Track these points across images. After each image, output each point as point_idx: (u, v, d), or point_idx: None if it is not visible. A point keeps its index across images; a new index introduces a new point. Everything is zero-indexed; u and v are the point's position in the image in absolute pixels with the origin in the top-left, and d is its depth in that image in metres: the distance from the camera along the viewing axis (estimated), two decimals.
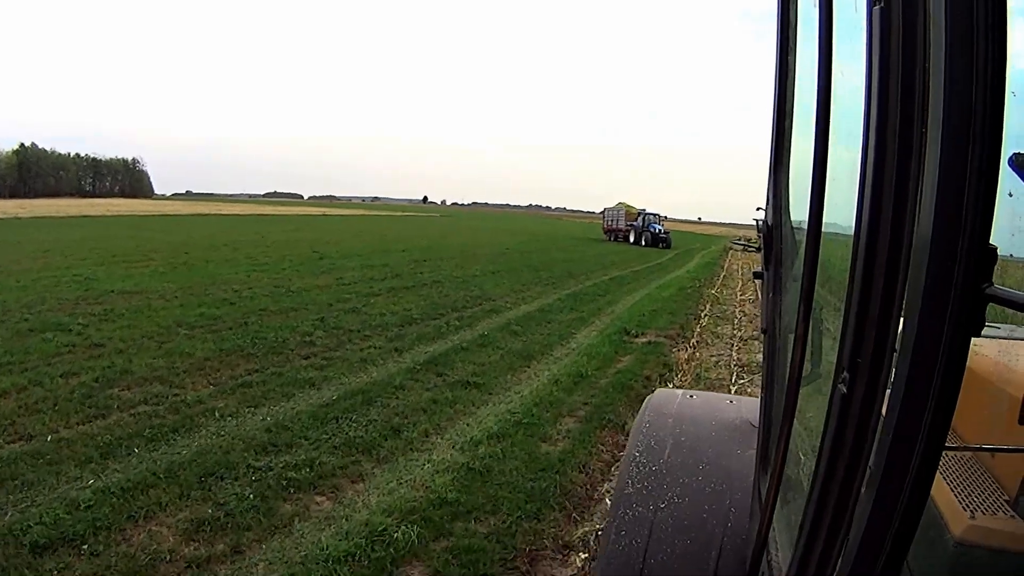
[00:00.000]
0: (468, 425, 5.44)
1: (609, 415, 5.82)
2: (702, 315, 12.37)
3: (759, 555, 1.10)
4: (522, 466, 4.57)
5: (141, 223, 35.30)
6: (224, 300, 10.30)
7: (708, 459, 1.80)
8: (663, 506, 1.68)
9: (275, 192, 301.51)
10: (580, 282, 16.63)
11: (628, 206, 45.54)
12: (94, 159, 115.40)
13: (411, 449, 4.84)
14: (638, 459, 1.82)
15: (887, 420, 0.69)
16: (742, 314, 12.86)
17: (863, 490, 0.75)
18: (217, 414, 5.22)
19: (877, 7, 0.71)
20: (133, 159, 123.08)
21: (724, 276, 22.93)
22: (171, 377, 6.08)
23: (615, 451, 5.04)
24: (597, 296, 14.06)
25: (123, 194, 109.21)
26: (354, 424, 5.20)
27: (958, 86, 0.61)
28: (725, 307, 14.08)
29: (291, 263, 16.48)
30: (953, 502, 1.08)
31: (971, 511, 1.06)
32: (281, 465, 4.33)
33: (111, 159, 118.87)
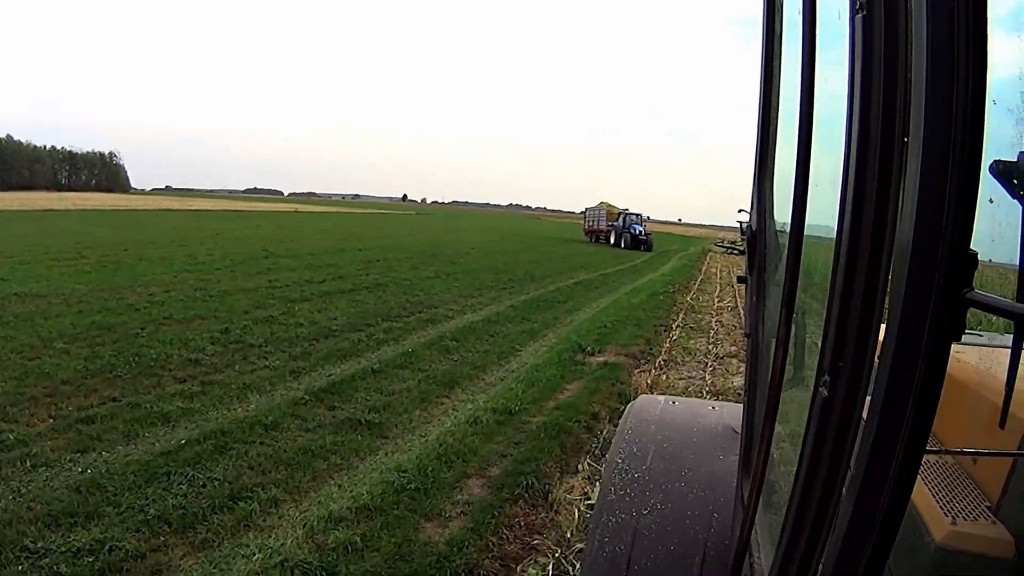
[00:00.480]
0: (337, 489, 4.26)
1: (531, 477, 4.48)
2: (673, 326, 11.59)
3: (741, 557, 1.12)
4: (384, 567, 3.37)
5: (100, 218, 33.84)
6: (131, 306, 9.50)
7: (691, 465, 1.83)
8: (646, 512, 1.71)
9: (255, 188, 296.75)
10: (542, 286, 15.95)
11: (610, 206, 44.30)
12: (70, 152, 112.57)
13: (243, 529, 3.67)
14: (620, 466, 1.85)
15: (868, 424, 0.71)
16: (719, 324, 12.17)
17: (844, 493, 0.77)
18: (30, 463, 4.21)
19: (859, 15, 0.73)
20: (110, 153, 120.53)
21: (701, 280, 22.34)
22: (9, 406, 5.15)
23: (527, 538, 3.79)
24: (556, 303, 13.30)
25: (99, 188, 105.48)
26: (187, 484, 4.09)
27: (939, 93, 0.63)
28: (700, 316, 13.40)
29: (231, 262, 15.65)
30: (935, 507, 1.13)
31: (952, 516, 1.10)
32: (63, 549, 3.29)
33: (87, 152, 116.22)
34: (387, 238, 30.66)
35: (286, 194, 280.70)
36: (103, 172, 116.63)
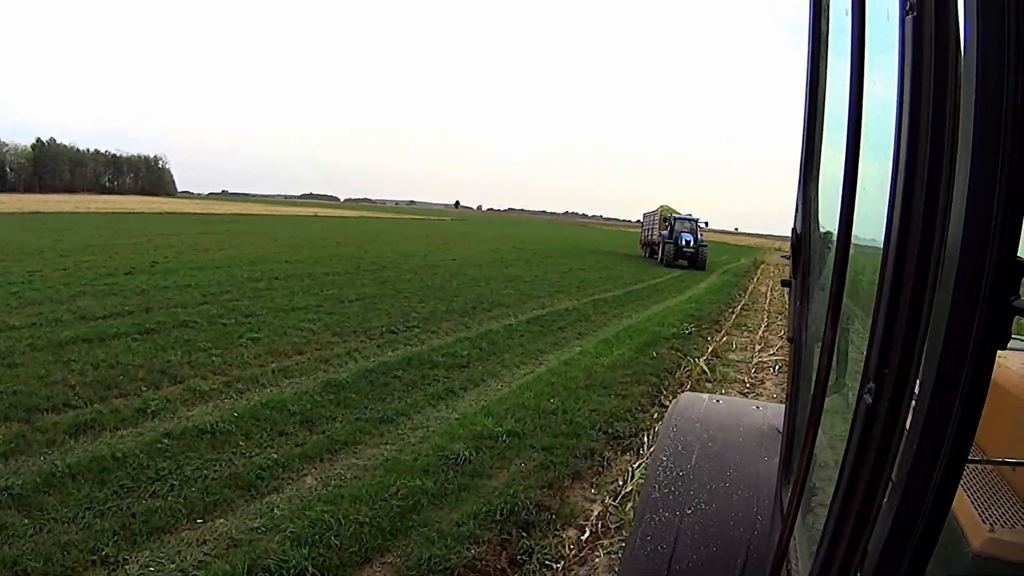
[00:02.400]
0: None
1: None
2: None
3: (779, 564, 1.12)
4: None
5: (109, 221, 32.88)
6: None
7: (735, 465, 1.82)
8: (690, 512, 1.71)
9: (310, 194, 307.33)
10: (477, 323, 10.41)
11: (670, 210, 33.50)
12: (114, 156, 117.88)
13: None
14: (665, 463, 1.85)
15: (911, 432, 0.71)
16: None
17: (884, 501, 0.76)
18: None
19: (910, 16, 0.73)
20: (155, 156, 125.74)
21: (742, 308, 15.78)
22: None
23: None
24: (446, 369, 7.40)
25: (143, 191, 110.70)
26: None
27: (990, 97, 0.62)
28: (725, 388, 7.64)
29: (96, 274, 12.50)
30: (973, 514, 1.11)
31: (991, 524, 1.08)
32: None
33: (131, 156, 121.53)
34: (385, 244, 27.14)
35: (342, 200, 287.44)
36: (148, 176, 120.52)
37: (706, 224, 32.14)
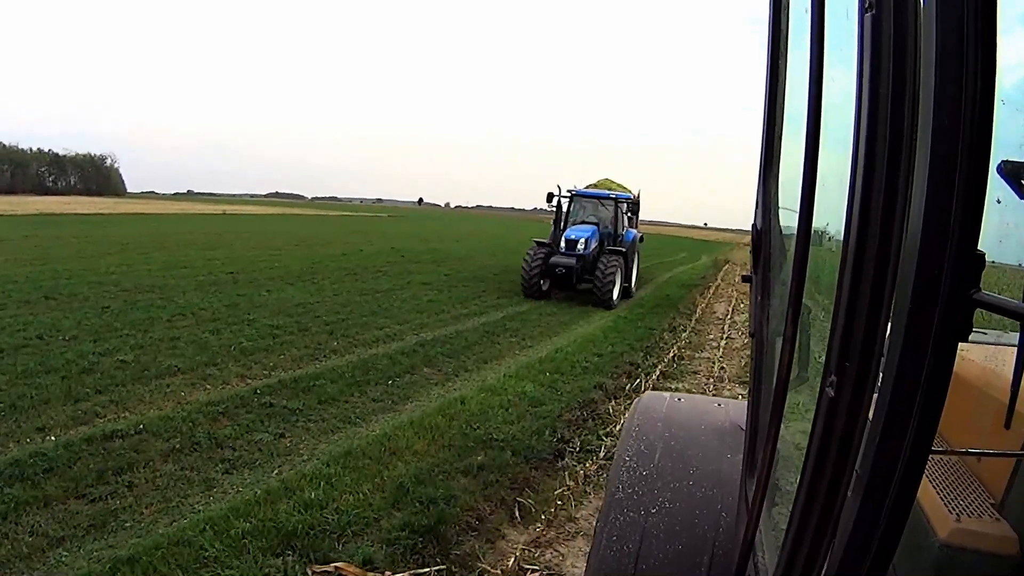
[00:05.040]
0: None
1: None
2: None
3: (745, 558, 1.12)
4: None
5: None
6: None
7: (699, 463, 1.83)
8: (655, 511, 1.71)
9: (276, 193, 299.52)
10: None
11: (616, 186, 19.07)
12: (57, 155, 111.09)
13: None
14: (628, 463, 1.85)
15: (874, 424, 0.71)
16: None
17: (849, 493, 0.77)
18: None
19: (869, 14, 0.73)
20: (100, 156, 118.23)
21: (675, 360, 8.91)
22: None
23: None
24: None
25: (88, 192, 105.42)
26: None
27: (948, 93, 0.63)
28: None
29: None
30: (939, 505, 1.13)
31: (957, 514, 1.10)
32: None
33: (76, 155, 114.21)
34: (249, 247, 21.46)
35: (309, 198, 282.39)
36: (95, 176, 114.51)
37: (636, 204, 16.49)
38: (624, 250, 14.32)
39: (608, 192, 15.67)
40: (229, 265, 15.91)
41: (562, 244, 13.87)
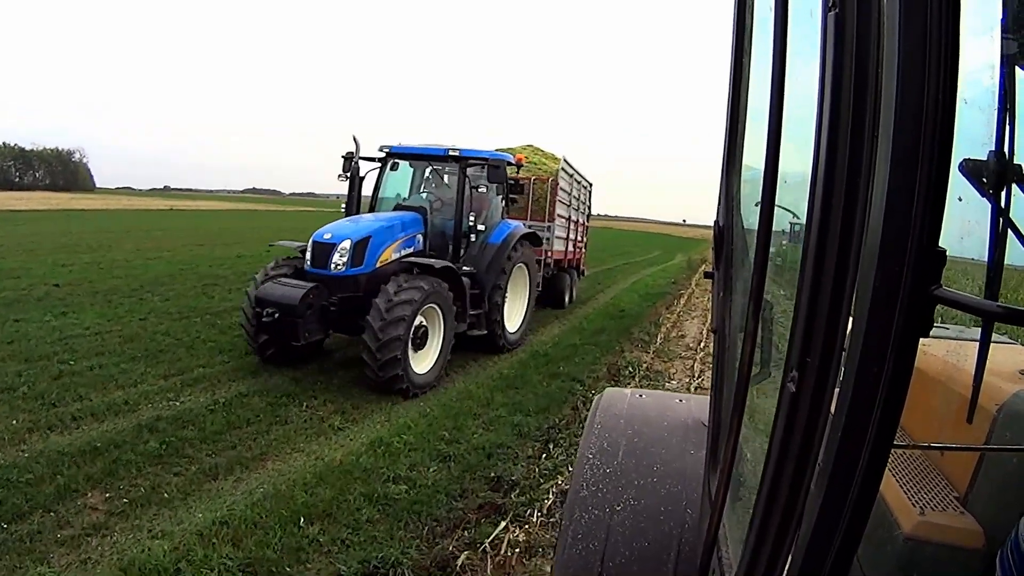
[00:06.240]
0: None
1: None
2: None
3: (709, 553, 1.13)
4: None
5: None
6: None
7: (662, 460, 1.84)
8: (619, 508, 1.70)
9: (254, 188, 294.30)
10: None
11: (540, 154, 12.32)
12: (23, 149, 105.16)
13: None
14: (592, 461, 1.84)
15: (836, 418, 0.71)
16: None
17: (812, 487, 0.77)
18: None
19: (832, 12, 0.74)
20: (68, 150, 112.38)
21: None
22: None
23: None
24: None
25: (55, 187, 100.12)
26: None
27: (910, 91, 0.63)
28: None
29: None
30: (903, 499, 1.15)
31: (921, 507, 1.12)
32: None
33: (41, 150, 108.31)
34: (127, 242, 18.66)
35: (286, 194, 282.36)
36: (62, 171, 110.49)
37: (587, 186, 13.11)
38: (476, 270, 7.68)
39: (446, 149, 7.92)
40: (68, 275, 12.25)
41: (307, 254, 6.87)
